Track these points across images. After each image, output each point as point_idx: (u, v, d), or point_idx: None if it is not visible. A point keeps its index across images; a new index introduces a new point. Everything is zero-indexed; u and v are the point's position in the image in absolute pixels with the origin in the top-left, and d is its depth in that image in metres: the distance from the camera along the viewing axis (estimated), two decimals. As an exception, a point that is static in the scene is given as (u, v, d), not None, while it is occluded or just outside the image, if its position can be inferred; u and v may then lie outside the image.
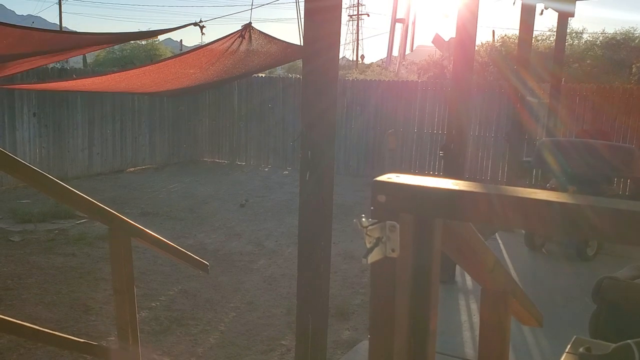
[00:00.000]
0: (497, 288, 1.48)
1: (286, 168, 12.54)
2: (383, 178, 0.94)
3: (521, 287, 1.65)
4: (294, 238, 4.25)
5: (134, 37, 6.74)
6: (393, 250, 0.91)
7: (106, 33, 4.39)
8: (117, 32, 4.61)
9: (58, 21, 38.81)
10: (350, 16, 45.83)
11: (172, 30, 4.91)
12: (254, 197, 9.52)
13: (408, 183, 0.93)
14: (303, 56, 3.03)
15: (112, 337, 3.99)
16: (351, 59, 42.17)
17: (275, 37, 5.47)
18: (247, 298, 5.13)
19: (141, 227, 2.80)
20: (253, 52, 5.62)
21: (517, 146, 8.04)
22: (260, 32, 5.17)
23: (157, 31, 4.98)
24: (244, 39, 5.07)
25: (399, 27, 13.28)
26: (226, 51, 5.23)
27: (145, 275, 5.50)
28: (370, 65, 34.67)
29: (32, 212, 7.54)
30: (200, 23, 4.93)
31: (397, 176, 0.94)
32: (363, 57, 40.90)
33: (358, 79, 15.43)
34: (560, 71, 8.81)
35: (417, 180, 0.93)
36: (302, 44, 3.12)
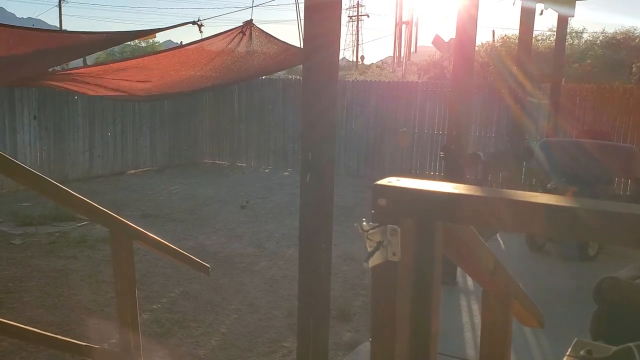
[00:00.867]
0: (499, 289, 1.48)
1: (287, 169, 12.54)
2: (383, 182, 0.94)
3: (522, 288, 1.65)
4: (295, 239, 4.25)
5: (133, 36, 6.73)
6: (394, 253, 0.92)
7: (104, 32, 4.37)
8: (115, 31, 4.59)
9: (58, 23, 38.87)
10: (350, 17, 45.86)
11: (171, 28, 4.91)
12: (255, 199, 9.52)
13: (408, 187, 0.93)
14: (303, 54, 3.02)
15: (114, 340, 3.99)
16: (351, 60, 42.21)
17: (275, 37, 5.47)
18: (248, 300, 5.13)
19: (142, 230, 2.80)
20: (253, 53, 5.62)
21: (517, 146, 8.03)
22: (260, 30, 5.17)
23: (156, 30, 4.98)
24: (245, 36, 5.06)
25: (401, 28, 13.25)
26: (226, 47, 5.22)
27: (146, 277, 5.50)
28: (370, 66, 34.68)
29: (33, 215, 7.54)
30: (198, 22, 4.93)
31: (398, 180, 0.95)
32: (363, 58, 40.92)
33: (358, 80, 15.41)
34: (560, 71, 8.81)
35: (418, 183, 0.93)
36: (302, 46, 3.12)
